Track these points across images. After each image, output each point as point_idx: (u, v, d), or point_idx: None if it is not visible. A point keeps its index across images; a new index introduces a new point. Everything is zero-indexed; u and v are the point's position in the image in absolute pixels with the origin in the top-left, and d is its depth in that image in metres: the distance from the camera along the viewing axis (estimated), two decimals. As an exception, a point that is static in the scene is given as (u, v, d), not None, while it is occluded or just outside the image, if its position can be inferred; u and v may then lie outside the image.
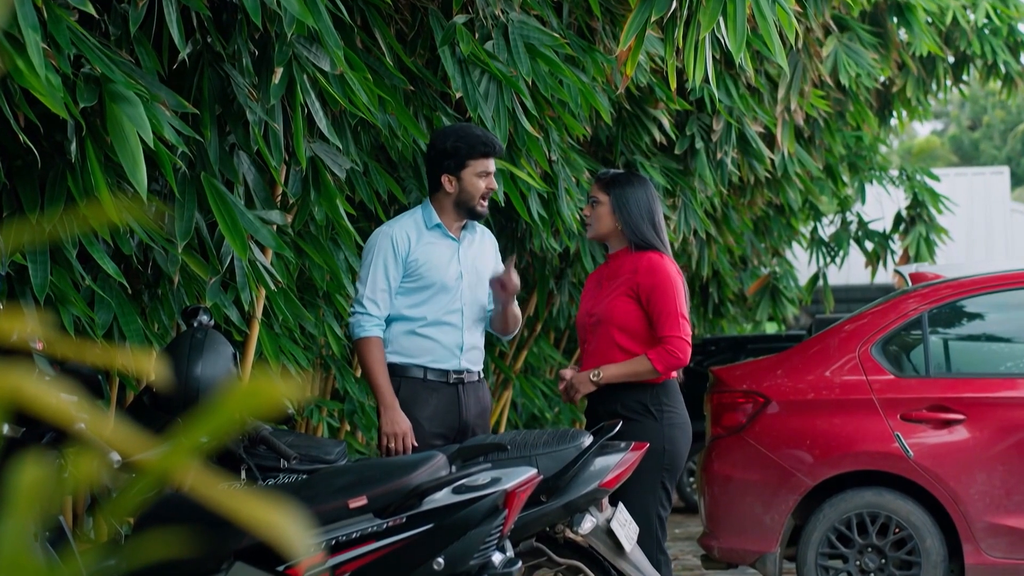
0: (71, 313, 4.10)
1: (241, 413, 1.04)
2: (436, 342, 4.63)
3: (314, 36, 4.35)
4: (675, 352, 4.68)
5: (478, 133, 4.67)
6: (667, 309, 4.69)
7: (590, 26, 6.36)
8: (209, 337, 3.95)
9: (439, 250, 4.67)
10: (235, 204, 4.36)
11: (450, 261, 4.67)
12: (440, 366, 4.64)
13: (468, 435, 4.63)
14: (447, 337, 4.64)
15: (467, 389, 4.67)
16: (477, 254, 4.76)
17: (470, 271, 4.70)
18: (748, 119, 8.08)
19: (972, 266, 6.61)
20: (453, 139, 4.64)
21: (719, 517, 6.08)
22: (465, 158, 4.62)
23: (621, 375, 4.71)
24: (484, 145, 4.63)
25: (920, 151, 39.04)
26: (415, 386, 4.64)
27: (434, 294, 4.64)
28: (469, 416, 4.67)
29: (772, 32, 4.64)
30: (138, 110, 3.60)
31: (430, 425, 4.61)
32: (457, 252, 4.70)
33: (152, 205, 4.31)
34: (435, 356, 4.64)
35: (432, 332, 4.64)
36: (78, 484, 2.69)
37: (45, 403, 1.04)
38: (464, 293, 4.67)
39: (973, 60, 11.26)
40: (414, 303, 4.65)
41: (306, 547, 3.50)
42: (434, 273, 4.63)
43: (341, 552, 3.64)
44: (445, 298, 4.64)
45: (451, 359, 4.65)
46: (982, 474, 5.71)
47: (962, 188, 20.84)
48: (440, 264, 4.65)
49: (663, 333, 4.69)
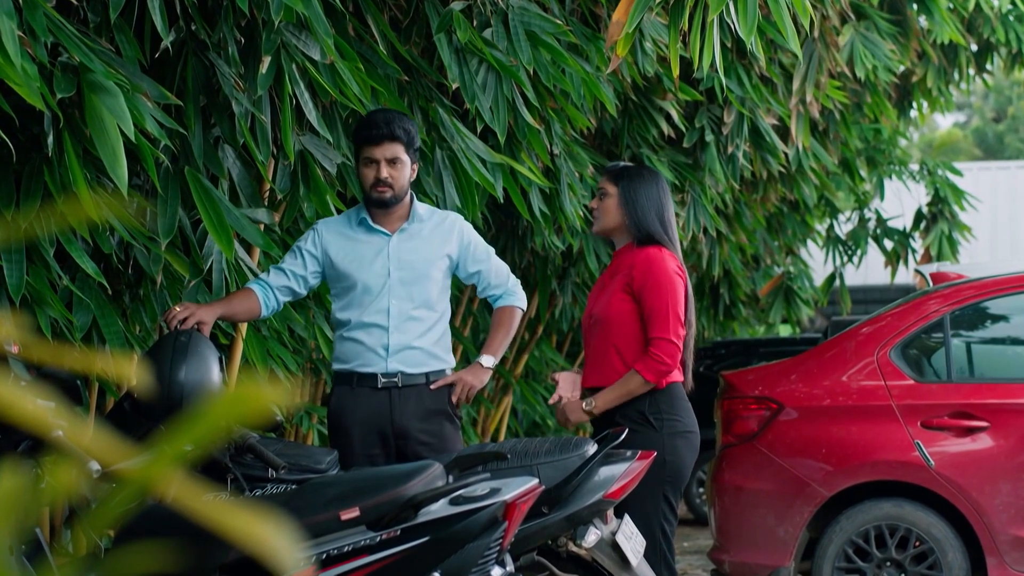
0: (48, 315, 4.10)
1: (227, 420, 1.04)
2: (362, 345, 4.61)
3: (303, 23, 4.36)
4: (661, 357, 4.62)
5: (367, 118, 4.61)
6: (658, 308, 4.64)
7: (594, 13, 6.36)
8: (193, 341, 3.95)
9: (362, 247, 4.64)
10: (220, 200, 4.36)
11: (375, 258, 4.62)
12: (367, 370, 4.61)
13: (409, 441, 4.59)
14: (372, 339, 4.60)
15: (403, 393, 4.60)
16: (417, 247, 4.66)
17: (402, 266, 4.62)
18: (761, 111, 8.09)
19: (996, 265, 6.61)
20: (354, 127, 4.66)
21: (730, 530, 6.08)
22: (357, 145, 4.62)
23: (615, 399, 4.67)
24: (364, 130, 4.57)
25: (942, 144, 39.03)
26: (343, 394, 4.65)
27: (358, 294, 4.61)
28: (406, 421, 4.59)
29: (786, 18, 4.64)
30: (118, 101, 3.60)
31: (360, 431, 4.60)
32: (386, 247, 4.64)
33: (133, 201, 4.31)
34: (363, 360, 4.61)
35: (358, 335, 4.62)
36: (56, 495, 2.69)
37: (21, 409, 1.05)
38: (393, 290, 4.61)
39: (997, 48, 11.27)
40: (342, 306, 4.66)
41: (295, 561, 3.50)
42: (354, 271, 4.61)
43: (332, 566, 3.64)
44: (368, 298, 4.60)
45: (377, 362, 4.60)
46: (1007, 484, 5.71)
47: (986, 183, 20.85)
48: (362, 262, 4.62)
49: (650, 334, 4.64)
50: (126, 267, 4.66)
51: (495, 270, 4.82)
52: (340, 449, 4.65)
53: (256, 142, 4.55)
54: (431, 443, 4.58)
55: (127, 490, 3.07)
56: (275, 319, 5.38)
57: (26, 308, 4.05)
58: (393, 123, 4.55)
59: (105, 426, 3.99)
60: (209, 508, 1.05)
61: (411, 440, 4.60)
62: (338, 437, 4.66)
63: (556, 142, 6.09)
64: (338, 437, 4.66)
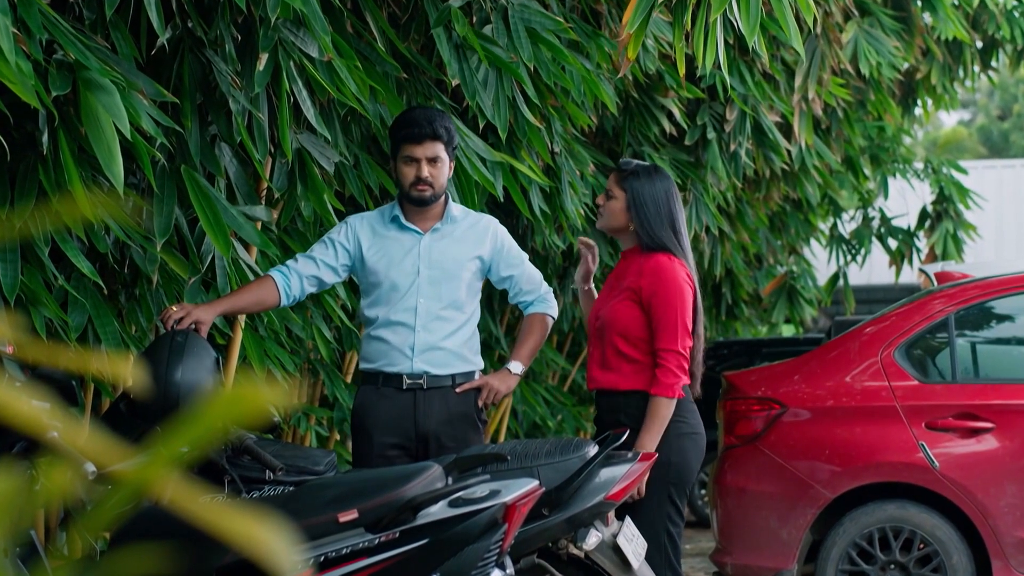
0: (43, 315, 4.10)
1: (224, 421, 1.04)
2: (388, 344, 4.61)
3: (301, 20, 4.36)
4: (671, 368, 4.61)
5: (408, 116, 4.62)
6: (667, 319, 4.62)
7: (595, 9, 6.36)
8: (190, 341, 3.95)
9: (393, 244, 4.65)
10: (217, 199, 4.36)
11: (405, 256, 4.63)
12: (393, 370, 4.61)
13: (431, 445, 4.60)
14: (398, 338, 4.60)
15: (428, 395, 4.61)
16: (448, 247, 4.67)
17: (432, 265, 4.63)
18: (763, 108, 8.09)
19: (1002, 265, 6.61)
20: (392, 123, 4.66)
21: (732, 532, 6.09)
22: (395, 143, 4.61)
23: (657, 431, 4.58)
24: (408, 128, 4.57)
25: (946, 142, 39.04)
26: (368, 394, 4.65)
27: (385, 292, 4.62)
28: (430, 424, 4.60)
29: (788, 15, 4.64)
30: (114, 99, 3.60)
31: (381, 435, 4.60)
32: (417, 246, 4.64)
33: (129, 200, 4.31)
34: (389, 359, 4.61)
35: (384, 333, 4.62)
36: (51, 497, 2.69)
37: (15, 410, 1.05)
38: (422, 289, 4.61)
39: (1002, 45, 11.27)
40: (370, 303, 4.67)
41: (293, 564, 3.50)
42: (384, 269, 4.62)
43: (330, 569, 3.64)
44: (396, 296, 4.61)
45: (403, 362, 4.60)
46: (1012, 486, 5.71)
47: (991, 182, 20.85)
48: (392, 259, 4.62)
49: (657, 346, 4.62)
50: (122, 267, 4.66)
51: (528, 276, 4.83)
52: (360, 449, 4.65)
53: (253, 140, 4.55)
54: (453, 447, 4.56)
55: (123, 492, 3.07)
56: (274, 319, 5.37)
57: (21, 308, 4.05)
58: (435, 122, 4.57)
59: (100, 427, 3.99)
60: (206, 510, 1.05)
61: (433, 443, 4.60)
62: (359, 437, 4.66)
63: (557, 140, 6.09)
64: (359, 437, 4.66)
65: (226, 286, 4.70)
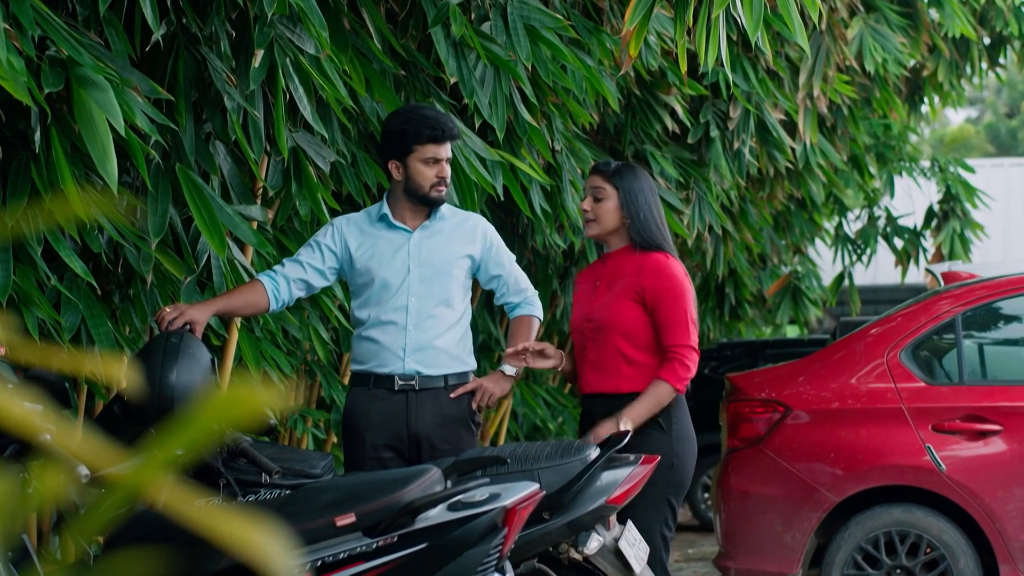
0: (35, 315, 4.10)
1: (219, 423, 1.04)
2: (379, 344, 4.61)
3: (297, 16, 4.36)
4: (686, 363, 4.66)
5: (427, 115, 4.62)
6: (676, 316, 4.66)
7: (596, 6, 6.36)
8: (184, 342, 3.95)
9: (382, 243, 4.65)
10: (212, 198, 4.36)
11: (395, 254, 4.63)
12: (384, 370, 4.61)
13: (423, 447, 4.60)
14: (389, 338, 4.61)
15: (420, 397, 4.61)
16: (438, 244, 4.67)
17: (422, 263, 4.63)
18: (767, 106, 8.09)
19: (1009, 265, 6.61)
20: (400, 121, 4.62)
21: (736, 536, 6.09)
22: (411, 143, 4.59)
23: (647, 412, 4.64)
24: (431, 129, 4.57)
25: (953, 140, 39.04)
26: (359, 396, 4.65)
27: (376, 291, 4.62)
28: (422, 426, 4.60)
29: (793, 11, 4.65)
30: (108, 96, 3.60)
31: (373, 437, 4.60)
32: (407, 244, 4.65)
33: (123, 199, 4.31)
34: (380, 360, 4.62)
35: (375, 334, 4.62)
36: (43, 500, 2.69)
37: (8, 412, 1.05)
38: (412, 288, 4.61)
39: (1010, 41, 11.27)
40: (360, 303, 4.67)
41: (289, 568, 3.50)
42: (373, 267, 4.62)
43: (328, 574, 3.64)
44: (386, 294, 4.61)
45: (395, 362, 4.60)
46: (1020, 489, 5.71)
47: (999, 180, 20.85)
48: (381, 258, 4.63)
49: (671, 342, 4.66)
50: (116, 266, 4.66)
51: (516, 277, 4.85)
52: (351, 452, 4.65)
53: (248, 138, 4.55)
54: (446, 450, 4.56)
55: (117, 495, 3.07)
56: (270, 320, 5.38)
57: (13, 308, 4.05)
58: (452, 122, 4.66)
59: (94, 429, 3.99)
60: (201, 514, 1.05)
61: (426, 445, 4.60)
62: (351, 439, 4.66)
63: (557, 138, 6.09)
64: (351, 439, 4.66)
65: (222, 286, 4.70)
